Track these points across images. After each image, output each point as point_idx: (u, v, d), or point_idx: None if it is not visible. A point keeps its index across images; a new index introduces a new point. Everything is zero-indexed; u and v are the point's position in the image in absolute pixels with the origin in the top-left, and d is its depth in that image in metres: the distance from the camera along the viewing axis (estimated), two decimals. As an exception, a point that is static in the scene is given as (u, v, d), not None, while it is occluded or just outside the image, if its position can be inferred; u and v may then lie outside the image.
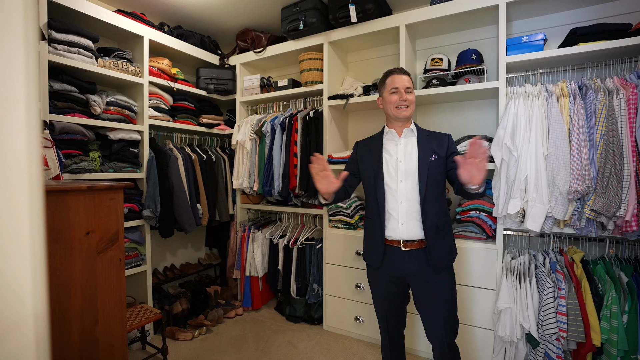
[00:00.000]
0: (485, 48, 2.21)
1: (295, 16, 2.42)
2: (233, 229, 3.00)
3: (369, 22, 2.28)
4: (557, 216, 1.66)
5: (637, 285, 1.52)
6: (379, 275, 1.50)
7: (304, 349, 2.24)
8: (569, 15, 1.99)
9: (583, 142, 1.60)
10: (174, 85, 2.55)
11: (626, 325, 1.48)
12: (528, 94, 1.79)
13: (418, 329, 2.07)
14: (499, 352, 1.84)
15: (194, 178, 2.60)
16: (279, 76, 3.09)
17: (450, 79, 2.18)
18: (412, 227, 1.42)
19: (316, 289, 2.52)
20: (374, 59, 2.67)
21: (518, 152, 1.75)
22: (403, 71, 1.51)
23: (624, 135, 1.51)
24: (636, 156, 1.49)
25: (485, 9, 1.93)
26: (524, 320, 1.68)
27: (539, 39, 1.82)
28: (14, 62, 0.25)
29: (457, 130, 2.28)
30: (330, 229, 2.44)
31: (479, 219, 1.96)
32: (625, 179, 1.50)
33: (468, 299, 1.94)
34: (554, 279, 1.68)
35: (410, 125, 1.52)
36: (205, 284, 2.99)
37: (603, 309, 1.54)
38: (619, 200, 1.49)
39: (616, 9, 1.87)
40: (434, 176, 1.42)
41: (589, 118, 1.62)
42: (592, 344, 1.53)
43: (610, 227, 1.57)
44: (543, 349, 1.68)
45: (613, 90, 1.58)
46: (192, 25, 2.86)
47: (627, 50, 1.66)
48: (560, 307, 1.62)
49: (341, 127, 2.69)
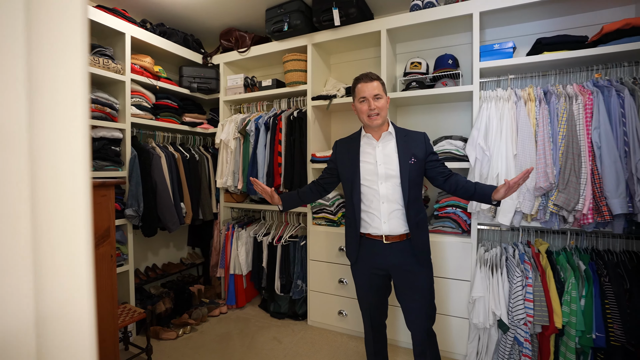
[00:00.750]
0: (460, 53, 2.35)
1: (280, 18, 2.46)
2: (217, 228, 3.01)
3: (351, 26, 2.36)
4: (524, 211, 1.80)
5: (592, 273, 1.68)
6: (363, 269, 1.58)
7: (289, 344, 2.29)
8: (535, 26, 2.15)
9: (547, 143, 1.75)
10: (157, 84, 2.53)
11: (583, 308, 1.64)
12: (499, 98, 1.93)
13: (398, 321, 2.17)
14: (474, 339, 1.97)
15: (177, 177, 2.59)
16: (262, 76, 3.12)
17: (428, 82, 2.30)
18: (394, 225, 1.50)
19: (300, 285, 2.58)
20: (356, 61, 2.76)
21: (490, 151, 1.88)
22: (371, 77, 1.48)
23: (582, 137, 1.67)
24: (592, 156, 1.65)
25: (461, 17, 2.06)
26: (496, 307, 1.82)
27: (508, 47, 1.96)
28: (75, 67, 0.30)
29: (435, 130, 2.41)
30: (313, 226, 2.51)
31: (455, 214, 2.08)
32: (582, 177, 1.65)
33: (445, 290, 2.06)
34: (522, 269, 1.82)
35: (388, 127, 1.55)
36: (188, 283, 2.97)
37: (564, 294, 1.69)
38: (578, 196, 1.65)
39: (575, 22, 2.05)
40: (414, 179, 1.49)
41: (552, 121, 1.77)
42: (555, 326, 1.68)
43: (571, 220, 1.72)
44: (512, 333, 1.82)
45: (573, 96, 1.74)
46: (175, 23, 2.84)
47: (585, 60, 1.83)
48: (528, 294, 1.76)
49: (324, 127, 2.76)
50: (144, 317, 2.05)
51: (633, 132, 1.57)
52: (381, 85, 1.49)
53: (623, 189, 1.58)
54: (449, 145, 2.10)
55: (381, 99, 1.48)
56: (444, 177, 1.51)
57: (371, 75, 1.49)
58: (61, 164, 0.31)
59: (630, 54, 1.73)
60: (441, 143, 2.14)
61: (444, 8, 2.08)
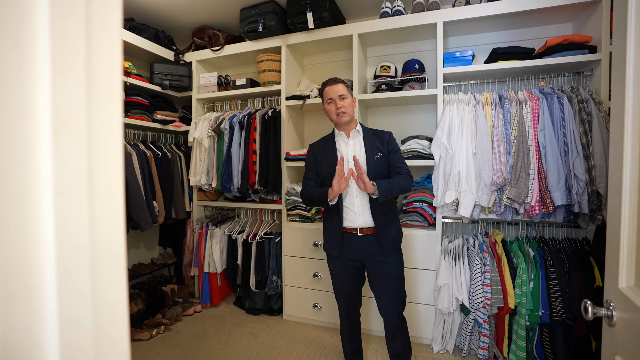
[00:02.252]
0: (426, 59, 2.52)
1: (255, 18, 2.50)
2: (190, 227, 2.98)
3: (324, 29, 2.45)
4: (483, 204, 1.99)
5: (540, 258, 1.90)
6: (340, 260, 1.68)
7: (265, 338, 2.35)
8: (491, 36, 2.37)
9: (502, 143, 1.95)
10: (127, 80, 2.47)
11: (532, 289, 1.85)
12: (461, 101, 2.11)
13: (371, 310, 2.30)
14: (439, 323, 2.13)
15: (149, 175, 2.55)
16: (236, 75, 3.13)
17: (397, 84, 2.45)
18: (367, 217, 1.62)
19: (275, 280, 2.63)
20: (329, 62, 2.86)
21: (453, 150, 2.05)
22: (335, 81, 1.65)
23: (530, 137, 1.88)
24: (538, 154, 1.86)
25: (426, 25, 2.22)
26: (459, 293, 1.99)
27: (468, 55, 2.15)
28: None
29: (403, 130, 2.57)
30: (288, 222, 2.57)
31: (421, 209, 2.24)
32: (531, 173, 1.86)
33: (414, 279, 2.21)
34: (481, 257, 2.00)
35: (356, 126, 1.70)
36: (160, 283, 2.92)
37: (516, 278, 1.89)
38: (527, 190, 1.86)
39: (524, 35, 2.29)
40: (380, 171, 1.63)
41: (506, 123, 1.97)
42: (509, 307, 1.88)
43: (522, 212, 1.93)
44: (473, 316, 2.00)
45: (523, 101, 1.95)
46: (145, 19, 2.78)
47: (533, 69, 2.06)
48: (486, 279, 1.95)
49: (298, 126, 2.83)
50: (117, 318, 2.01)
51: (571, 134, 1.80)
52: (345, 87, 1.65)
53: (563, 183, 1.80)
54: (416, 144, 2.26)
55: (346, 98, 1.63)
56: (395, 172, 1.65)
57: (336, 79, 1.67)
58: (110, 146, 0.37)
59: (569, 65, 1.97)
60: (409, 142, 2.29)
61: (411, 16, 2.23)
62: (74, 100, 0.34)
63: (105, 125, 0.38)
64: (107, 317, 0.38)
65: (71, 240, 0.34)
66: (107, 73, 0.38)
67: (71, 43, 0.34)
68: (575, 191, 1.77)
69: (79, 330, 0.35)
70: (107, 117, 0.38)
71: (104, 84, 0.38)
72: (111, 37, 0.39)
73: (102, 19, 0.38)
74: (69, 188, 0.34)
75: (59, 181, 0.33)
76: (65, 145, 0.33)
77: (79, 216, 0.34)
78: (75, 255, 0.34)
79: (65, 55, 0.33)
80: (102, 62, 0.37)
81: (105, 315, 0.37)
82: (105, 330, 0.37)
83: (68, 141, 0.34)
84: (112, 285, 0.38)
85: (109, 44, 0.38)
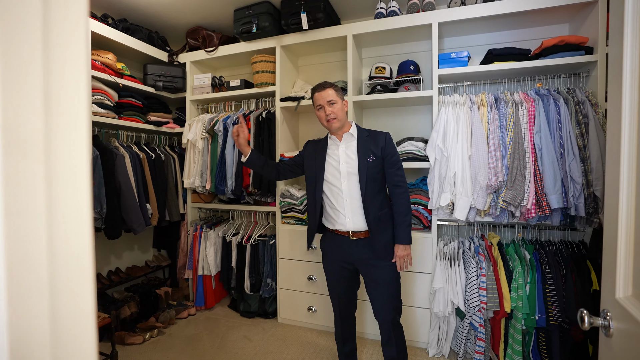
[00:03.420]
0: (422, 60, 2.50)
1: (248, 19, 2.47)
2: (184, 229, 2.95)
3: (319, 30, 2.43)
4: (478, 207, 1.97)
5: (536, 261, 1.88)
6: (332, 260, 1.68)
7: (259, 342, 2.32)
8: (487, 37, 2.35)
9: (497, 145, 1.93)
10: (120, 81, 2.44)
11: (528, 293, 1.83)
12: (456, 103, 2.08)
13: (366, 313, 2.27)
14: (435, 327, 2.11)
15: (142, 177, 2.52)
16: (230, 76, 3.10)
17: (392, 86, 2.42)
18: (358, 220, 1.60)
19: (270, 283, 2.61)
20: (323, 63, 2.84)
21: (448, 152, 2.02)
22: (324, 86, 1.61)
23: (526, 139, 1.86)
24: (534, 157, 1.84)
25: (422, 26, 2.19)
26: (454, 296, 1.97)
27: (464, 56, 2.13)
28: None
29: (398, 131, 2.54)
30: (282, 225, 2.55)
31: (417, 211, 2.22)
32: (527, 175, 1.84)
33: (409, 283, 2.19)
34: (477, 260, 1.98)
35: (349, 129, 1.66)
36: (154, 286, 2.89)
37: (512, 281, 1.87)
38: (523, 192, 1.83)
39: (520, 35, 2.27)
40: (372, 175, 1.60)
41: (502, 125, 1.95)
42: (505, 311, 1.86)
43: (517, 215, 1.91)
44: (468, 319, 1.98)
45: (519, 103, 1.93)
46: (139, 20, 2.75)
47: (529, 70, 2.04)
48: (482, 283, 1.93)
49: (292, 128, 2.81)
50: (108, 323, 1.98)
51: (567, 136, 1.78)
52: (335, 92, 1.60)
53: (559, 186, 1.78)
54: (411, 146, 2.23)
55: (336, 104, 1.59)
56: (392, 187, 1.62)
57: (324, 84, 1.62)
58: (73, 166, 0.35)
59: (565, 66, 1.95)
60: (404, 144, 2.27)
61: (406, 17, 2.21)
62: (28, 116, 0.31)
63: (68, 145, 0.35)
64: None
65: (25, 275, 0.31)
66: (70, 83, 0.36)
67: (24, 46, 0.31)
68: (572, 194, 1.75)
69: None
70: (69, 135, 0.35)
71: (65, 93, 0.35)
72: (76, 40, 0.36)
73: (64, 14, 0.35)
74: (20, 210, 0.31)
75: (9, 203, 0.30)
76: (16, 167, 0.31)
77: (33, 243, 0.32)
78: (29, 292, 0.32)
79: (16, 60, 0.31)
80: (64, 67, 0.35)
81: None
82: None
83: (19, 163, 0.31)
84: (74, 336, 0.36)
85: (74, 47, 0.36)
